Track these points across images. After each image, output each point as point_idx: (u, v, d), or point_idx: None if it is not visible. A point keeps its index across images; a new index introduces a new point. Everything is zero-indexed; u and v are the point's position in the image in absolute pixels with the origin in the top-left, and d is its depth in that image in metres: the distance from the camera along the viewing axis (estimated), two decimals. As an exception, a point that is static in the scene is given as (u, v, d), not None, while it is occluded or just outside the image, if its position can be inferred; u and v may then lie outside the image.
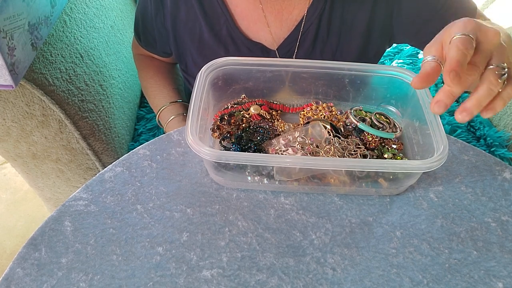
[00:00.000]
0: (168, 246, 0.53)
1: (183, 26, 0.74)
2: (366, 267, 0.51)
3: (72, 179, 0.88)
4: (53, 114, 0.74)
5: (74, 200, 0.57)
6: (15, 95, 0.69)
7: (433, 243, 0.54)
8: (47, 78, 0.72)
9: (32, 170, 0.85)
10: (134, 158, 0.62)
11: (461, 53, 0.41)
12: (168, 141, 0.65)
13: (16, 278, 0.50)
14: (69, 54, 0.79)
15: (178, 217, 0.56)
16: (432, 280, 0.50)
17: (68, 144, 0.80)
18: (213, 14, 0.72)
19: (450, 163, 0.63)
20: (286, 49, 0.74)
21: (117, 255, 0.52)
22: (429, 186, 0.60)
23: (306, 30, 0.71)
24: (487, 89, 0.43)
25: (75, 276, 0.50)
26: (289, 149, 0.58)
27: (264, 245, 0.53)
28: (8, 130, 0.74)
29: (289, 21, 0.72)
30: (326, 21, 0.71)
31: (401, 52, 1.23)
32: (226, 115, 0.65)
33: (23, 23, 0.62)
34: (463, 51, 0.41)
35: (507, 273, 0.51)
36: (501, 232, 0.55)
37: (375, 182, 0.57)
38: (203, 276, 0.50)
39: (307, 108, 0.68)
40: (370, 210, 0.57)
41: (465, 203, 0.58)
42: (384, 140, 0.62)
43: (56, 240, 0.53)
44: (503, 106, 0.45)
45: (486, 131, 0.99)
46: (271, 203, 0.57)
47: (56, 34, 0.77)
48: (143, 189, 0.59)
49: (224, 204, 0.57)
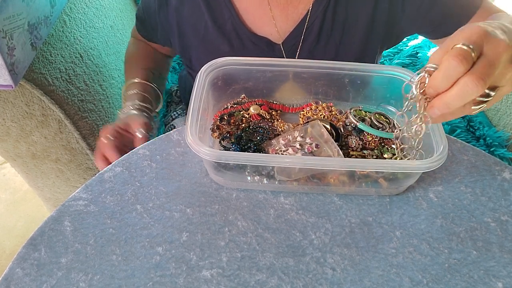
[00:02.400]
0: (168, 246, 0.53)
1: (187, 21, 0.74)
2: (366, 267, 0.51)
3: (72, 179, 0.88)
4: (52, 114, 0.74)
5: (74, 200, 0.57)
6: (14, 95, 0.69)
7: (432, 243, 0.54)
8: (47, 78, 0.72)
9: (31, 170, 0.85)
10: (133, 158, 0.62)
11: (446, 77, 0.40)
12: (168, 141, 0.65)
13: (15, 278, 0.50)
14: (69, 54, 0.79)
15: (178, 217, 0.56)
16: (431, 280, 0.50)
17: (68, 144, 0.80)
18: (217, 8, 0.72)
19: (450, 163, 0.63)
20: (291, 43, 0.74)
21: (117, 255, 0.52)
22: (428, 186, 0.60)
23: (311, 24, 0.72)
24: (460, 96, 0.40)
25: (75, 276, 0.50)
26: (289, 149, 0.58)
27: (264, 245, 0.53)
28: (8, 130, 0.74)
29: (295, 15, 0.72)
30: (331, 15, 0.71)
31: (401, 52, 1.23)
32: (226, 115, 0.65)
33: (23, 23, 0.62)
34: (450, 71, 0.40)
35: (506, 273, 0.51)
36: (500, 232, 0.55)
37: (374, 182, 0.57)
38: (203, 276, 0.50)
39: (307, 108, 0.68)
40: (370, 210, 0.57)
41: (465, 203, 0.58)
42: (384, 140, 0.62)
43: (56, 240, 0.53)
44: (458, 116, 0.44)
45: (486, 131, 0.99)
46: (271, 203, 0.57)
47: (56, 34, 0.77)
48: (143, 189, 0.59)
49: (223, 204, 0.57)
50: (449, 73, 0.40)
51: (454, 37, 0.42)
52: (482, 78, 0.39)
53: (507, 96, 0.99)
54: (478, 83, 0.39)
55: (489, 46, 0.40)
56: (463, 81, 0.39)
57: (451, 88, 0.41)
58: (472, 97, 0.40)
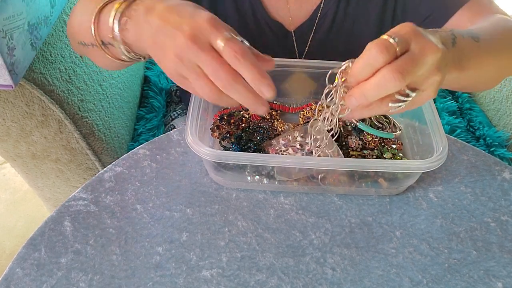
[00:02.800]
0: (168, 246, 0.53)
1: None
2: (366, 267, 0.51)
3: (72, 179, 0.88)
4: (52, 114, 0.74)
5: (74, 200, 0.57)
6: (14, 95, 0.69)
7: (432, 243, 0.54)
8: (47, 78, 0.72)
9: (31, 170, 0.85)
10: (133, 158, 0.62)
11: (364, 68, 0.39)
12: (168, 141, 0.65)
13: (15, 278, 0.50)
14: (69, 54, 0.79)
15: (178, 217, 0.56)
16: (431, 280, 0.50)
17: (68, 144, 0.80)
18: None
19: (450, 163, 0.63)
20: (303, 32, 0.74)
21: (117, 255, 0.52)
22: (428, 186, 0.60)
23: (324, 15, 0.72)
24: (377, 86, 0.39)
25: (75, 276, 0.50)
26: (289, 149, 0.58)
27: (264, 245, 0.53)
28: (8, 130, 0.74)
29: (308, 5, 0.72)
30: (344, 6, 0.71)
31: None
32: (225, 115, 0.65)
33: (23, 23, 0.62)
34: (367, 60, 0.39)
35: (506, 273, 0.51)
36: (500, 232, 0.55)
37: (374, 182, 0.57)
38: (203, 276, 0.50)
39: (307, 108, 0.68)
40: (370, 210, 0.57)
41: (465, 203, 0.58)
42: (384, 140, 0.62)
43: (56, 240, 0.53)
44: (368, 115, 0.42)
45: (486, 131, 0.99)
46: (271, 203, 0.57)
47: (56, 34, 0.77)
48: (143, 189, 0.59)
49: (223, 204, 0.57)
50: (368, 62, 0.39)
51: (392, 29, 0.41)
52: (401, 72, 0.38)
53: (507, 96, 0.99)
54: (396, 77, 0.38)
55: (416, 44, 0.39)
56: (381, 72, 0.38)
57: (369, 78, 0.40)
58: (390, 90, 0.39)
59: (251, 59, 0.40)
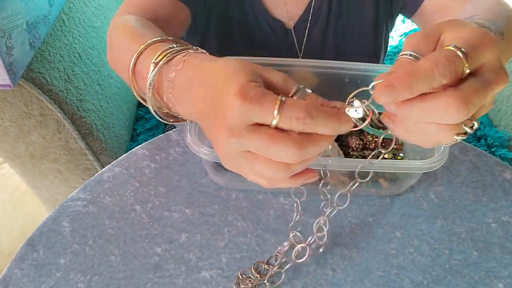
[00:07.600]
0: (167, 246, 0.53)
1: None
2: (366, 267, 0.51)
3: (70, 179, 0.87)
4: (51, 114, 0.74)
5: (72, 200, 0.57)
6: (13, 94, 0.69)
7: (433, 244, 0.53)
8: (46, 78, 0.72)
9: (30, 170, 0.85)
10: (132, 158, 0.62)
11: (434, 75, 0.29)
12: (167, 141, 0.65)
13: (14, 278, 0.50)
14: (68, 53, 0.79)
15: (177, 218, 0.55)
16: (432, 281, 0.50)
17: (66, 144, 0.80)
18: None
19: (451, 164, 0.62)
20: (302, 28, 0.74)
21: (116, 255, 0.52)
22: (429, 187, 0.60)
23: (319, 6, 0.72)
24: (428, 112, 0.31)
25: (74, 277, 0.50)
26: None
27: (264, 246, 0.53)
28: (6, 130, 0.74)
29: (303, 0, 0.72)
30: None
31: (401, 52, 1.22)
32: (225, 115, 0.65)
33: (21, 23, 0.62)
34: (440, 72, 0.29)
35: (507, 274, 0.51)
36: (501, 232, 0.55)
37: (375, 182, 0.57)
38: (202, 276, 0.50)
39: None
40: (370, 210, 0.57)
41: (466, 203, 0.58)
42: (385, 140, 0.62)
43: (54, 240, 0.53)
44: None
45: (487, 131, 0.99)
46: (271, 204, 0.57)
47: (55, 33, 0.77)
48: (142, 189, 0.58)
49: (223, 204, 0.57)
50: (428, 78, 0.29)
51: (451, 31, 0.33)
52: (466, 103, 0.29)
53: (508, 96, 0.99)
54: (461, 110, 0.29)
55: (489, 70, 0.31)
56: (444, 99, 0.30)
57: (422, 99, 0.31)
58: (442, 121, 0.31)
59: (320, 112, 0.33)
